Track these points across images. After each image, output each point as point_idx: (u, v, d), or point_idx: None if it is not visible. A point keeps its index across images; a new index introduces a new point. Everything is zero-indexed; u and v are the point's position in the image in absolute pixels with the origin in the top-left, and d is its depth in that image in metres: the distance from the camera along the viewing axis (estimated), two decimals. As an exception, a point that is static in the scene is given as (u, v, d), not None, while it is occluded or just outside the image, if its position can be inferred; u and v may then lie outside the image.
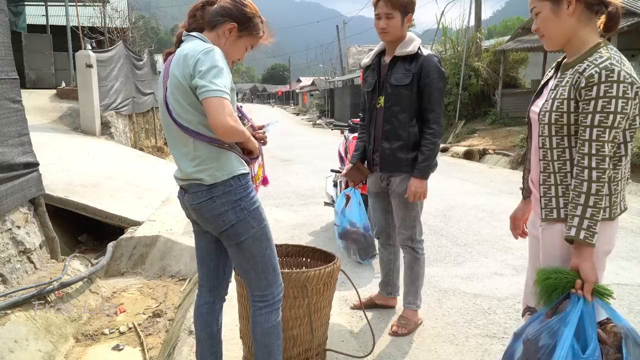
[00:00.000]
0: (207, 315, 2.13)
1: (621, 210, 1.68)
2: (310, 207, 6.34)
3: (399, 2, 2.64)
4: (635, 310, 3.25)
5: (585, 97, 1.54)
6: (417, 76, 2.70)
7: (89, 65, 8.85)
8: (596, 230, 1.55)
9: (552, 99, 1.64)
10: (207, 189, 1.85)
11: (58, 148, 6.97)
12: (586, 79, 1.54)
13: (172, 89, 1.83)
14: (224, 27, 1.91)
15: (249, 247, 1.92)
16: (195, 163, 1.85)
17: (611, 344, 1.54)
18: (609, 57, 1.54)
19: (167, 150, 11.85)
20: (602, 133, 1.52)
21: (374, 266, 4.09)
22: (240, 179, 1.89)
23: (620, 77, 1.50)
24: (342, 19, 34.77)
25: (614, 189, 1.62)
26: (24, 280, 3.23)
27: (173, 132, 1.89)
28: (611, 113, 1.51)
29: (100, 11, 12.51)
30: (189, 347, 2.65)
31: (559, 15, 1.61)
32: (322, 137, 17.08)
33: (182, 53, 1.82)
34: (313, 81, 44.10)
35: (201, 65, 1.73)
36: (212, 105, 1.70)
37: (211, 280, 2.13)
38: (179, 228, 5.16)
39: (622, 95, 1.50)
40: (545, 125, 1.66)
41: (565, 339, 1.51)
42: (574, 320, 1.53)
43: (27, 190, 3.49)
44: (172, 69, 1.84)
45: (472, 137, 13.35)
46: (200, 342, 2.15)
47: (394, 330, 2.90)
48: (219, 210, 1.86)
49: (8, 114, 3.34)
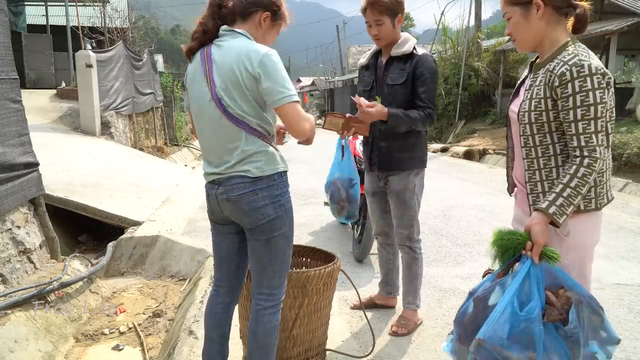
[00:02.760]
0: (222, 314, 2.12)
1: (608, 200, 1.72)
2: (310, 207, 6.34)
3: (385, 7, 2.67)
4: (635, 310, 3.24)
5: (562, 95, 1.60)
6: (412, 75, 2.73)
7: (89, 65, 8.85)
8: (567, 212, 1.59)
9: (528, 99, 1.70)
10: (252, 182, 1.88)
11: (58, 148, 6.97)
12: (559, 78, 1.59)
13: (227, 84, 1.83)
14: (258, 16, 1.93)
15: (276, 243, 1.95)
16: (242, 156, 1.87)
17: (560, 307, 1.58)
18: (576, 54, 1.60)
19: (167, 150, 11.84)
20: (588, 125, 1.57)
21: (374, 266, 4.09)
22: (282, 176, 1.95)
23: (591, 69, 1.56)
24: (342, 19, 34.79)
25: (599, 180, 1.67)
26: (24, 280, 3.23)
27: (221, 126, 1.88)
28: (592, 105, 1.56)
29: (100, 11, 12.50)
30: (189, 347, 2.65)
31: (529, 19, 1.67)
32: (322, 137, 17.01)
33: (236, 49, 1.83)
34: (313, 81, 44.06)
35: (268, 70, 1.80)
36: (289, 112, 1.82)
37: (231, 280, 2.12)
38: (179, 228, 5.17)
39: (597, 86, 1.55)
40: (526, 125, 1.71)
41: (505, 296, 1.58)
42: (519, 279, 1.59)
43: (27, 190, 3.48)
44: (223, 63, 1.83)
45: (472, 137, 13.36)
46: (210, 341, 2.13)
47: (393, 330, 2.90)
48: (260, 203, 1.89)
49: (8, 114, 3.33)
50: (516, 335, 1.53)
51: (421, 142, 2.88)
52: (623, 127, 9.54)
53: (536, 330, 1.52)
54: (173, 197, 6.48)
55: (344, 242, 4.78)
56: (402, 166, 2.83)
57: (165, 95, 14.34)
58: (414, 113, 2.69)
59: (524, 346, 1.52)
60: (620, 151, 8.21)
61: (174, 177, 7.98)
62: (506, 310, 1.55)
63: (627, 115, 11.00)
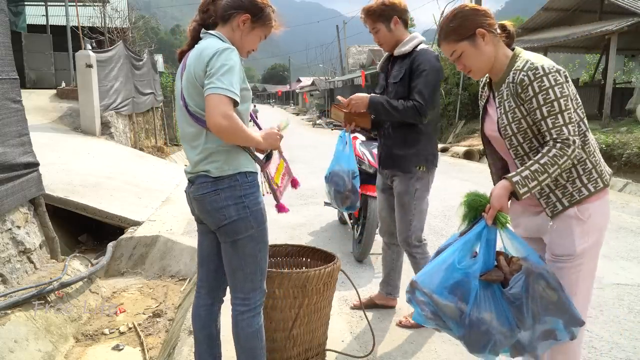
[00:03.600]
0: (206, 317, 2.12)
1: (609, 174, 1.83)
2: (310, 207, 6.34)
3: (376, 15, 2.75)
4: (635, 310, 3.24)
5: (526, 99, 1.71)
6: (409, 71, 2.74)
7: (89, 65, 8.85)
8: (530, 185, 1.65)
9: (503, 113, 1.80)
10: (213, 181, 1.87)
11: (58, 148, 6.97)
12: (519, 85, 1.71)
13: (187, 83, 1.86)
14: (237, 19, 1.92)
15: (243, 246, 1.91)
16: (204, 155, 1.87)
17: (508, 272, 1.68)
18: (527, 60, 1.73)
19: (167, 150, 11.84)
20: (556, 119, 1.66)
21: (374, 266, 4.09)
22: (247, 176, 1.90)
23: (545, 70, 1.67)
24: (342, 19, 34.76)
25: (595, 161, 1.77)
26: (24, 280, 3.23)
27: (187, 125, 1.91)
28: (554, 101, 1.66)
29: (100, 11, 12.50)
30: (189, 347, 2.65)
31: (479, 48, 1.80)
32: (322, 137, 17.06)
33: (199, 50, 1.84)
34: (313, 81, 44.13)
35: (213, 64, 1.76)
36: (209, 103, 1.73)
37: (210, 281, 2.11)
38: (179, 228, 5.16)
39: (554, 83, 1.66)
40: (511, 137, 1.80)
41: (449, 249, 1.74)
42: (468, 237, 1.73)
43: (27, 190, 3.48)
44: (188, 65, 1.87)
45: (472, 137, 13.35)
46: (199, 342, 2.14)
47: (400, 322, 2.99)
48: (222, 203, 1.86)
49: (8, 114, 3.33)
50: (453, 286, 1.68)
51: (423, 139, 2.83)
52: (623, 127, 9.55)
53: (472, 285, 1.65)
54: (173, 197, 6.47)
55: (344, 242, 4.78)
56: (403, 165, 2.83)
57: (165, 95, 14.36)
58: (397, 102, 2.70)
59: (458, 297, 1.67)
60: (620, 151, 8.21)
61: (174, 177, 7.97)
62: (446, 262, 1.71)
63: (627, 115, 11.01)
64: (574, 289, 1.76)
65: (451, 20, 1.84)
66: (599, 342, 2.82)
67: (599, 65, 15.48)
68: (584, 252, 1.75)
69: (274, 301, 2.31)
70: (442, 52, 1.90)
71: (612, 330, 2.96)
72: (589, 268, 1.79)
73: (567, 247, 1.75)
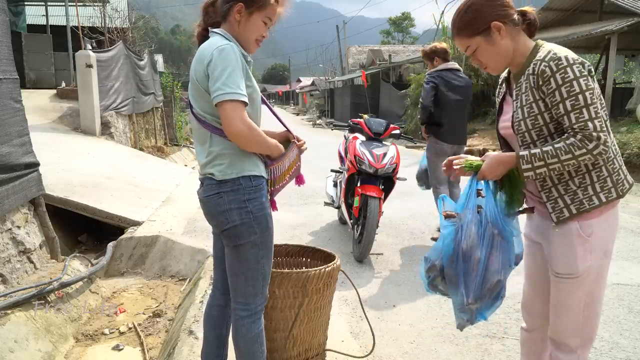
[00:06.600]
0: (218, 317, 2.11)
1: (629, 185, 1.70)
2: (310, 207, 6.34)
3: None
4: (635, 310, 3.24)
5: (548, 92, 1.58)
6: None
7: (89, 65, 8.84)
8: (535, 164, 1.59)
9: (519, 107, 1.69)
10: (217, 184, 1.86)
11: (58, 148, 6.96)
12: (541, 76, 1.59)
13: (191, 86, 1.87)
14: (233, 11, 1.87)
15: (245, 252, 1.89)
16: (210, 158, 1.86)
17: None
18: (550, 50, 1.61)
19: (167, 150, 11.83)
20: (580, 114, 1.54)
21: (374, 266, 4.09)
22: (251, 180, 1.86)
23: (569, 60, 1.55)
24: (342, 19, 34.76)
25: (612, 169, 1.66)
26: (24, 280, 3.23)
27: (195, 127, 1.91)
28: (579, 94, 1.54)
29: (100, 11, 12.48)
30: (189, 347, 2.65)
31: (495, 43, 1.68)
32: (322, 137, 17.05)
33: (199, 52, 1.83)
34: (313, 81, 44.08)
35: (215, 66, 1.73)
36: (224, 111, 1.71)
37: (224, 283, 2.08)
38: (179, 228, 5.17)
39: (579, 75, 1.54)
40: (524, 134, 1.69)
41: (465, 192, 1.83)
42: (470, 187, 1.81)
43: (27, 190, 3.48)
44: (191, 68, 1.87)
45: (472, 137, 13.35)
46: (208, 342, 2.13)
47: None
48: (224, 207, 1.85)
49: (10, 114, 3.33)
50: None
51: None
52: (623, 127, 9.54)
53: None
54: (173, 197, 6.48)
55: (344, 242, 4.78)
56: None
57: (165, 95, 14.34)
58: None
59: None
60: (621, 151, 8.18)
61: (174, 177, 7.98)
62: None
63: (627, 115, 11.00)
64: (580, 307, 1.68)
65: (464, 13, 1.70)
66: (599, 342, 2.81)
67: (599, 65, 15.47)
68: (588, 270, 1.66)
69: (274, 301, 2.32)
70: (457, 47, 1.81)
71: (612, 330, 2.96)
72: (596, 284, 1.69)
73: (570, 266, 1.67)
